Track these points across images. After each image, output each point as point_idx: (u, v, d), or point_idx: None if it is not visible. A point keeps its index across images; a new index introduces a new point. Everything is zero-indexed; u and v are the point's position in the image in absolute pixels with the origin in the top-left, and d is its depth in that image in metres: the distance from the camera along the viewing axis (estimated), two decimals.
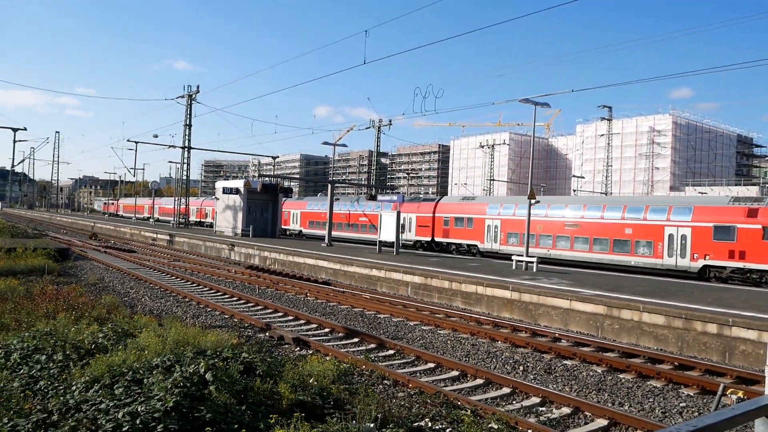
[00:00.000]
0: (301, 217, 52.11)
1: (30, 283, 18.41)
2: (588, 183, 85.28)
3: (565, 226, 31.64)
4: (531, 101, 24.58)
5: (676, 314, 13.92)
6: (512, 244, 33.75)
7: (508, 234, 34.22)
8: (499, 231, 34.58)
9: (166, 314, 15.39)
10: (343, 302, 18.84)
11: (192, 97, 52.73)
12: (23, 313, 12.49)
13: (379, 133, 73.03)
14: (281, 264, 29.49)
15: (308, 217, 51.30)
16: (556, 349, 12.98)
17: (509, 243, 34.00)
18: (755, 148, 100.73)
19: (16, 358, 8.98)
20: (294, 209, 53.45)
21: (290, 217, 53.10)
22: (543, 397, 9.55)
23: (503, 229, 34.40)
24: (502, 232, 34.44)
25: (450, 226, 37.98)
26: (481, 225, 35.95)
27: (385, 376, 10.36)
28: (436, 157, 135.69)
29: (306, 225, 51.20)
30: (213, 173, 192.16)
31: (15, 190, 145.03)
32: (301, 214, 52.15)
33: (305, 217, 51.70)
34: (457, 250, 37.00)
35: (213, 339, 9.84)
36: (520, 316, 17.38)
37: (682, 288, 19.13)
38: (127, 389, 7.09)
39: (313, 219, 50.37)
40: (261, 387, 7.91)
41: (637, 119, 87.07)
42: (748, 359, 12.50)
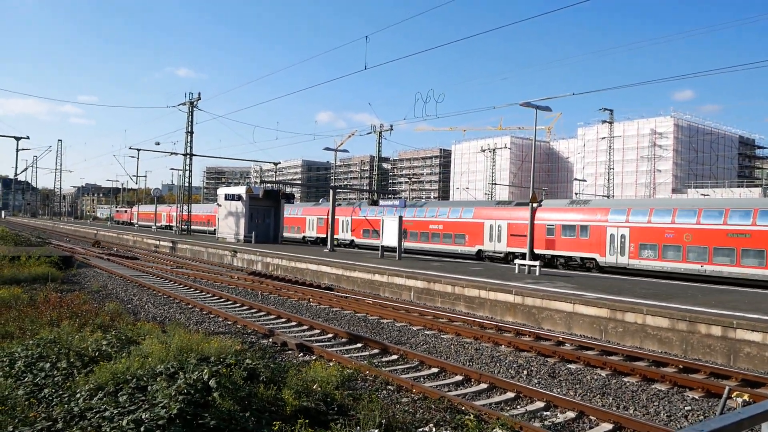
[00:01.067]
0: (353, 225, 46.68)
1: (34, 291, 18.44)
2: (590, 186, 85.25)
3: None
4: (532, 105, 24.62)
5: (680, 317, 13.88)
6: (647, 257, 27.83)
7: (640, 246, 28.26)
8: (627, 241, 28.85)
9: (170, 321, 15.39)
10: (346, 307, 18.83)
11: (193, 104, 52.90)
12: (27, 321, 12.51)
13: (380, 138, 73.22)
14: (284, 270, 29.49)
15: (362, 225, 45.42)
16: (560, 352, 12.94)
17: (642, 256, 28.09)
18: (757, 149, 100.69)
19: (21, 366, 8.99)
20: (342, 216, 47.48)
21: (338, 226, 46.88)
22: (547, 402, 9.52)
23: (633, 240, 28.61)
24: (631, 243, 28.63)
25: (556, 235, 32.01)
26: (600, 234, 29.92)
27: (389, 381, 10.34)
28: (438, 161, 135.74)
29: (359, 234, 45.37)
30: (215, 180, 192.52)
31: (18, 199, 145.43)
32: (353, 221, 46.49)
33: (358, 226, 45.92)
34: (566, 265, 31.50)
35: (216, 345, 9.85)
36: (524, 320, 17.35)
37: (685, 290, 19.09)
38: (131, 396, 7.09)
39: (368, 227, 44.10)
40: (265, 393, 7.91)
41: (639, 122, 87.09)
42: (753, 362, 12.45)
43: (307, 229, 51.47)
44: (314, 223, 50.28)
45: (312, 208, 52.60)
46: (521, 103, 24.83)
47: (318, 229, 49.75)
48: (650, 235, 27.88)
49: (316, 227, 50.11)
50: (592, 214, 30.92)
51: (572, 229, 31.21)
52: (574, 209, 32.13)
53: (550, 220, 32.41)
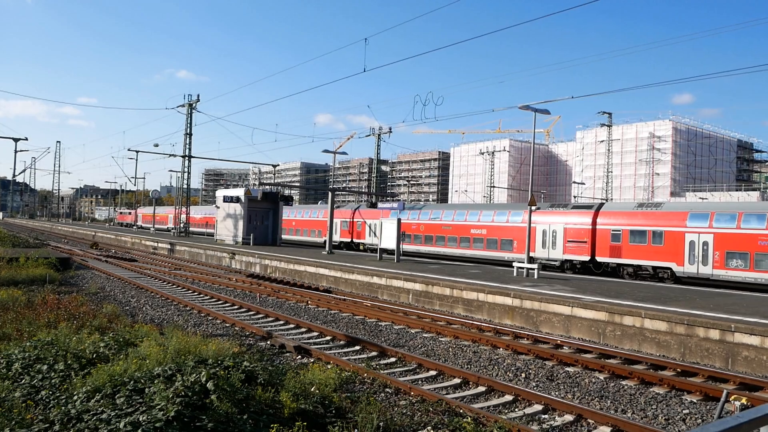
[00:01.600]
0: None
1: (31, 292, 18.41)
2: (588, 189, 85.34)
3: None
4: (531, 108, 24.65)
5: (678, 320, 13.89)
6: (735, 267, 25.21)
7: (727, 254, 25.49)
8: (710, 249, 26.06)
9: (168, 323, 15.37)
10: (345, 310, 18.82)
11: (192, 106, 52.86)
12: (25, 323, 12.48)
13: (379, 140, 73.21)
14: (282, 272, 29.47)
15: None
16: (558, 356, 12.94)
17: (730, 266, 25.38)
18: (756, 153, 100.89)
19: (18, 368, 8.97)
20: (372, 219, 43.19)
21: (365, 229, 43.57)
22: (545, 405, 9.52)
23: (718, 247, 25.80)
24: (716, 251, 25.80)
25: (622, 241, 29.11)
26: (677, 241, 27.11)
27: (387, 384, 10.33)
28: (437, 164, 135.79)
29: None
30: (213, 182, 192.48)
31: (16, 200, 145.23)
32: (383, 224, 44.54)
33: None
34: (636, 274, 28.68)
35: (214, 348, 9.83)
36: (522, 323, 17.34)
37: (684, 294, 19.10)
38: (128, 399, 7.08)
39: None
40: (262, 396, 7.89)
41: (637, 125, 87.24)
42: (751, 365, 12.46)
43: (367, 235, 48.18)
44: (337, 226, 47.33)
45: (336, 210, 48.89)
46: (520, 106, 24.85)
47: (342, 233, 47.05)
48: (740, 243, 25.21)
49: (339, 230, 47.31)
50: (666, 218, 28.09)
51: (642, 235, 28.43)
52: (644, 213, 29.30)
53: (615, 225, 29.68)
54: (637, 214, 29.57)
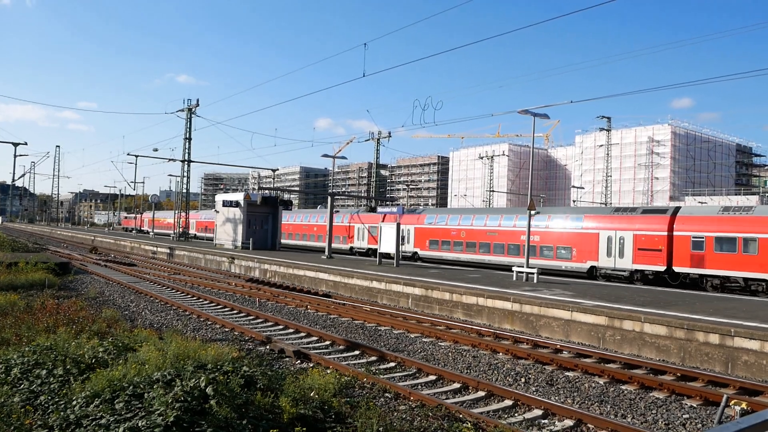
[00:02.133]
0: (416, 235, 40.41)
1: (30, 297, 18.39)
2: (588, 193, 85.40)
3: None
4: (530, 112, 24.68)
5: (678, 325, 13.88)
6: None
7: None
8: None
9: (167, 328, 15.35)
10: (344, 315, 18.80)
11: (192, 110, 52.96)
12: (24, 328, 12.45)
13: (378, 145, 73.32)
14: (281, 276, 29.45)
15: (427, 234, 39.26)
16: (557, 360, 12.93)
17: None
18: (755, 157, 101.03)
19: (17, 373, 8.95)
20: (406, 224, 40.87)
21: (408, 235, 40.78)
22: (545, 410, 9.50)
23: None
24: None
25: (706, 250, 26.38)
26: None
27: (387, 389, 10.32)
28: (436, 168, 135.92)
29: (424, 246, 39.47)
30: (213, 186, 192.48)
31: (15, 205, 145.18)
32: (416, 231, 40.10)
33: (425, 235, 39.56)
34: (723, 287, 26.17)
35: (213, 352, 9.81)
36: (522, 327, 17.33)
37: (683, 298, 19.09)
38: (127, 404, 7.06)
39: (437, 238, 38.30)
40: (262, 401, 7.87)
41: (636, 129, 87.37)
42: (751, 370, 12.45)
43: (356, 239, 45.98)
44: (364, 232, 44.70)
45: (364, 215, 46.69)
46: (519, 110, 24.88)
47: (370, 240, 43.84)
48: None
49: (366, 237, 44.38)
50: (760, 224, 25.24)
51: (731, 243, 25.76)
52: (732, 218, 26.43)
53: (696, 231, 26.81)
54: (723, 219, 26.90)
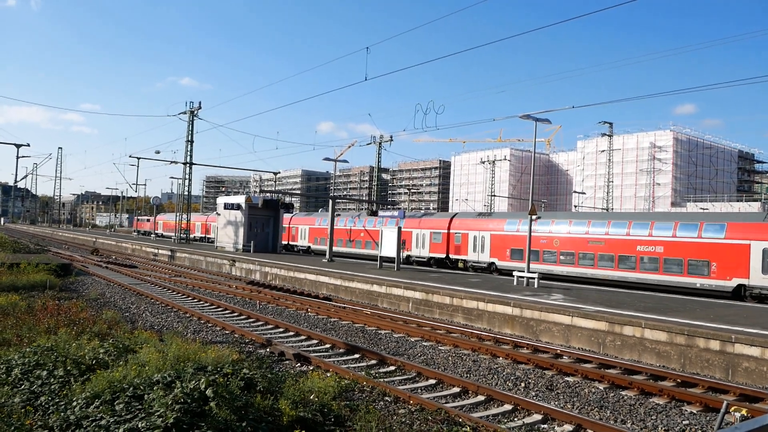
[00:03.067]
0: (492, 243, 34.74)
1: (32, 298, 18.42)
2: (589, 199, 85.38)
3: None
4: (532, 117, 24.72)
5: (678, 331, 13.87)
6: None
7: None
8: None
9: (167, 330, 15.36)
10: (344, 318, 18.80)
11: (194, 113, 53.03)
12: (25, 329, 12.48)
13: (380, 148, 73.36)
14: (282, 279, 29.46)
15: (509, 242, 33.80)
16: (557, 365, 12.92)
17: None
18: (756, 164, 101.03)
19: (18, 374, 8.97)
20: (468, 230, 36.26)
21: (470, 241, 35.82)
22: (545, 415, 9.50)
23: None
24: None
25: None
26: None
27: (386, 392, 10.32)
28: (437, 172, 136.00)
29: (504, 255, 33.97)
30: (214, 189, 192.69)
31: (17, 206, 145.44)
32: (493, 238, 34.74)
33: (503, 244, 34.06)
34: None
35: (213, 355, 9.83)
36: (522, 332, 17.32)
37: (684, 304, 19.07)
38: (127, 405, 7.08)
39: (518, 246, 32.66)
40: (262, 403, 7.89)
41: (638, 135, 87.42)
42: (752, 376, 12.43)
43: (414, 246, 39.77)
44: (425, 238, 38.96)
45: (425, 220, 40.64)
46: (521, 115, 24.92)
47: (432, 247, 38.46)
48: None
49: (428, 244, 38.68)
50: None
51: None
52: None
53: None
54: None
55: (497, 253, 34.21)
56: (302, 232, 51.81)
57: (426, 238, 39.04)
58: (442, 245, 38.00)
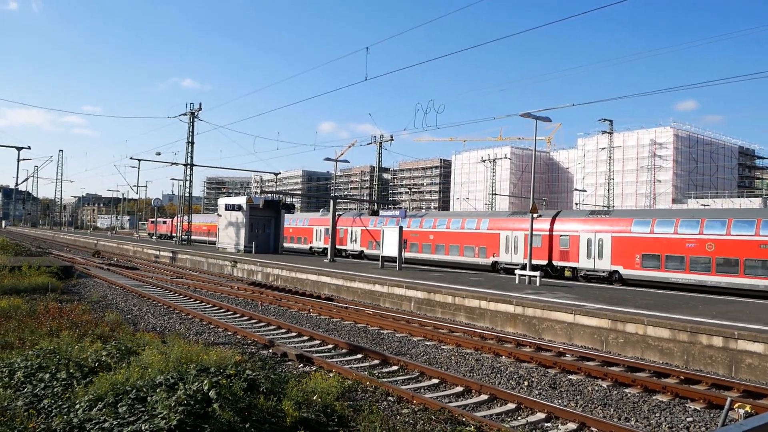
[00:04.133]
0: (615, 246, 28.88)
1: (33, 301, 18.43)
2: (590, 196, 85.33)
3: None
4: (532, 115, 24.68)
5: (681, 327, 13.85)
6: None
7: None
8: None
9: (169, 331, 15.36)
10: (346, 318, 18.79)
11: (194, 114, 53.04)
12: (27, 332, 12.49)
13: (380, 148, 73.40)
14: (284, 280, 29.46)
15: (640, 246, 27.96)
16: (560, 363, 12.90)
17: None
18: (757, 159, 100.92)
19: (20, 377, 8.97)
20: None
21: (582, 245, 30.11)
22: (548, 413, 9.48)
23: None
24: None
25: None
26: None
27: (389, 392, 10.31)
28: (438, 171, 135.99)
29: (632, 262, 28.05)
30: (215, 190, 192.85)
31: (18, 209, 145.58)
32: (615, 240, 28.88)
33: (629, 247, 28.29)
34: None
35: (216, 356, 9.82)
36: (524, 330, 17.30)
37: (687, 301, 19.05)
38: (130, 407, 7.07)
39: None
40: (265, 404, 7.88)
41: (638, 132, 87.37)
42: (755, 373, 12.41)
43: (503, 251, 33.84)
44: (518, 242, 33.11)
45: (516, 219, 34.73)
46: (521, 113, 24.89)
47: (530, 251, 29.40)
48: None
49: (522, 248, 32.57)
50: None
51: None
52: None
53: None
54: None
55: (622, 258, 28.60)
56: (352, 234, 46.46)
57: (519, 242, 32.94)
58: (542, 250, 31.79)
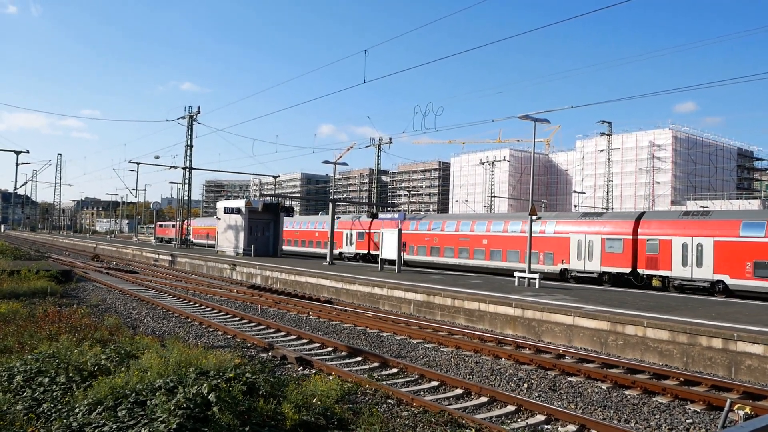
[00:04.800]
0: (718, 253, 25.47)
1: (33, 305, 18.39)
2: (589, 198, 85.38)
3: None
4: (531, 117, 24.72)
5: (681, 329, 13.85)
6: None
7: None
8: None
9: (169, 335, 15.34)
10: (346, 321, 18.78)
11: (193, 117, 53.05)
12: (26, 336, 12.47)
13: (379, 151, 73.42)
14: (283, 283, 29.44)
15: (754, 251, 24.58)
16: (560, 365, 12.90)
17: None
18: (756, 161, 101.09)
19: (20, 381, 8.96)
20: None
21: (675, 251, 26.70)
22: (548, 415, 9.48)
23: None
24: None
25: None
26: None
27: (389, 395, 10.30)
28: (437, 174, 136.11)
29: (742, 271, 24.76)
30: (214, 193, 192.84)
31: (17, 213, 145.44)
32: (718, 246, 25.38)
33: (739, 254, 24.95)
34: None
35: (215, 360, 9.81)
36: (524, 332, 17.30)
37: (686, 303, 19.06)
38: (130, 411, 7.06)
39: None
40: (264, 407, 7.87)
41: (637, 134, 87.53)
42: (755, 374, 12.41)
43: (575, 258, 30.05)
44: (594, 247, 29.35)
45: (589, 221, 30.75)
46: (520, 116, 24.92)
47: (607, 259, 28.87)
48: None
49: (601, 255, 28.98)
50: None
51: None
52: None
53: None
54: None
55: (730, 266, 25.15)
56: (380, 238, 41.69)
57: (596, 247, 29.27)
58: (623, 257, 28.48)
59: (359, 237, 45.13)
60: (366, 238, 44.28)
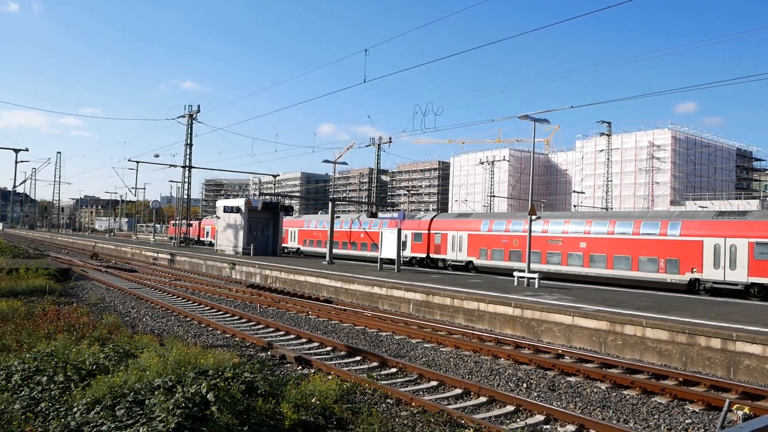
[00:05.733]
0: None
1: (31, 303, 18.35)
2: (588, 198, 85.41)
3: None
4: (530, 117, 24.72)
5: (680, 329, 13.85)
6: None
7: None
8: None
9: (168, 334, 15.33)
10: (345, 320, 18.77)
11: (193, 116, 53.00)
12: (24, 334, 12.45)
13: (379, 150, 73.35)
14: (282, 282, 29.43)
15: None
16: (559, 365, 12.90)
17: None
18: (755, 161, 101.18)
19: (18, 380, 8.93)
20: None
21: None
22: (547, 415, 9.47)
23: None
24: None
25: None
26: None
27: (388, 394, 10.29)
28: (437, 174, 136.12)
29: None
30: (214, 192, 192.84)
31: (16, 211, 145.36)
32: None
33: None
34: None
35: (214, 359, 9.79)
36: (523, 332, 17.30)
37: (685, 303, 19.06)
38: (128, 410, 7.05)
39: None
40: (263, 407, 7.86)
41: (637, 134, 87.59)
42: (753, 374, 12.41)
43: (711, 265, 24.92)
44: (734, 252, 24.25)
45: (737, 222, 25.08)
46: (520, 115, 24.92)
47: (755, 268, 23.56)
48: None
49: (748, 261, 23.74)
50: None
51: None
52: None
53: None
54: None
55: None
56: (455, 240, 37.18)
57: (741, 253, 24.00)
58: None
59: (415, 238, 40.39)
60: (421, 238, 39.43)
